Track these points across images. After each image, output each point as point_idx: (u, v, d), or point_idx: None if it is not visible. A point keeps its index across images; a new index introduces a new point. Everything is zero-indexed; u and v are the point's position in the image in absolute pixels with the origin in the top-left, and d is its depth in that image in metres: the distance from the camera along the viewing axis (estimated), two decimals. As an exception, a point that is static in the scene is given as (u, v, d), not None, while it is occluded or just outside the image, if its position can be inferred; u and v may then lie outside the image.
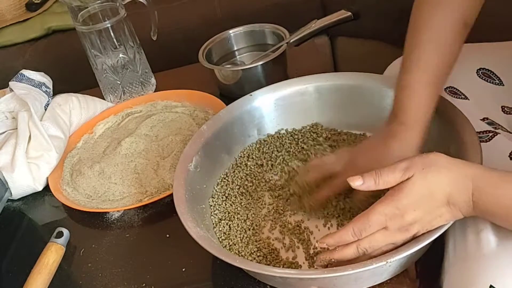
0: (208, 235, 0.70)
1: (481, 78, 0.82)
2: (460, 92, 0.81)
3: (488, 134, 0.74)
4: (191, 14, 1.51)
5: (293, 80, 0.90)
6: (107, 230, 0.86)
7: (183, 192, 0.74)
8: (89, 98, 1.10)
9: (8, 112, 1.03)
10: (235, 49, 1.15)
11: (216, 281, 0.73)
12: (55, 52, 1.52)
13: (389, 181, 0.60)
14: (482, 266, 0.58)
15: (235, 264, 0.64)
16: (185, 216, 0.70)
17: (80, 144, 1.05)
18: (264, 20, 1.14)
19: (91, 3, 1.05)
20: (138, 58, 1.13)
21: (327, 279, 0.62)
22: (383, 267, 0.60)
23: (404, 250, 0.60)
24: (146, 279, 0.75)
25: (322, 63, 1.14)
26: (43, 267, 0.77)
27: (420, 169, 0.59)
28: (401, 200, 0.59)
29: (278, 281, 0.68)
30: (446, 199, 0.59)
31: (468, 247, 0.60)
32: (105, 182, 0.93)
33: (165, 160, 0.94)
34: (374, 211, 0.60)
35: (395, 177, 0.60)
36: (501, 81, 0.81)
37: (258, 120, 0.89)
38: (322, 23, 1.06)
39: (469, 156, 0.67)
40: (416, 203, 0.59)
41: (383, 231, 0.60)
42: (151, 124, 1.03)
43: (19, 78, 1.04)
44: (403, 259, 0.63)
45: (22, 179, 0.93)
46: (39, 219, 0.94)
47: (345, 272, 0.60)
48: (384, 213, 0.60)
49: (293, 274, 0.64)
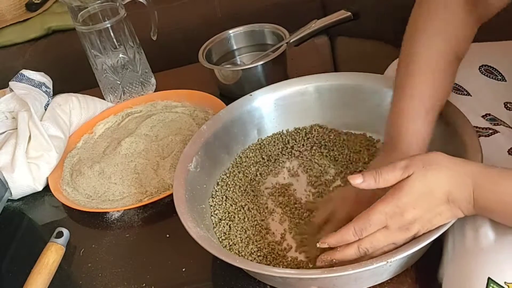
0: (208, 235, 0.70)
1: (483, 74, 0.82)
2: (462, 88, 0.81)
3: (488, 131, 0.74)
4: (191, 14, 1.51)
5: (293, 80, 0.90)
6: (107, 230, 0.86)
7: (183, 192, 0.74)
8: (89, 98, 1.10)
9: (8, 112, 1.03)
10: (235, 49, 1.15)
11: (216, 281, 0.73)
12: (55, 52, 1.52)
13: (389, 179, 0.61)
14: (480, 261, 0.58)
15: (235, 264, 0.64)
16: (185, 216, 0.70)
17: (80, 144, 1.05)
18: (264, 20, 1.14)
19: (91, 3, 1.05)
20: (138, 58, 1.13)
21: (327, 279, 0.62)
22: (384, 267, 0.60)
23: (404, 250, 0.60)
24: (146, 279, 0.75)
25: (322, 63, 1.14)
26: (43, 267, 0.77)
27: (420, 167, 0.59)
28: (401, 199, 0.59)
29: (278, 281, 0.68)
30: (446, 197, 0.59)
31: (466, 243, 0.61)
32: (105, 182, 0.93)
33: (165, 160, 0.94)
34: (375, 210, 0.60)
35: (395, 175, 0.60)
36: (503, 77, 0.81)
37: (258, 120, 0.89)
38: (322, 23, 1.06)
39: (469, 157, 0.67)
40: (416, 201, 0.59)
41: (384, 231, 0.61)
42: (151, 124, 1.03)
43: (19, 78, 1.04)
44: (403, 259, 0.63)
45: (22, 179, 0.93)
46: (39, 219, 0.94)
47: (345, 272, 0.60)
48: (384, 212, 0.60)
49: (293, 274, 0.64)
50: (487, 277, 0.56)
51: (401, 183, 0.60)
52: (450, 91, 0.72)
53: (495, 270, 0.56)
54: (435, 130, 0.72)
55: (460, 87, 0.81)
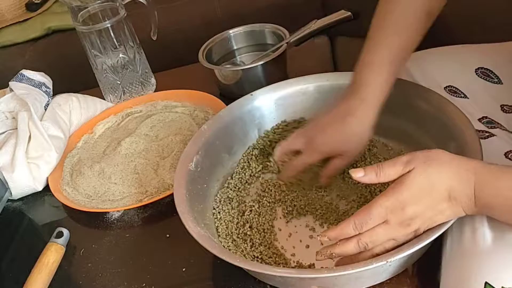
0: (208, 234, 0.70)
1: (480, 77, 0.82)
2: (459, 91, 0.81)
3: (484, 134, 0.74)
4: (191, 14, 1.51)
5: (293, 80, 0.90)
6: (107, 230, 0.86)
7: (184, 192, 0.74)
8: (89, 98, 1.10)
9: (8, 112, 1.03)
10: (235, 49, 1.15)
11: (216, 281, 0.73)
12: (55, 52, 1.52)
13: (390, 174, 0.61)
14: (477, 263, 0.58)
15: (236, 263, 0.64)
16: (186, 216, 0.70)
17: (80, 144, 1.05)
18: (264, 20, 1.14)
19: (91, 3, 1.05)
20: (138, 58, 1.13)
21: (327, 278, 0.62)
22: (384, 266, 0.60)
23: (404, 249, 0.60)
24: (146, 279, 0.75)
25: (322, 63, 1.14)
26: (43, 267, 0.77)
27: (421, 162, 0.59)
28: (402, 193, 0.59)
29: (278, 281, 0.68)
30: (447, 193, 0.59)
31: (464, 244, 0.61)
32: (105, 182, 0.93)
33: (165, 160, 0.94)
34: (376, 204, 0.60)
35: (396, 170, 0.60)
36: (500, 80, 0.81)
37: (259, 120, 0.89)
38: (322, 23, 1.06)
39: (469, 154, 0.67)
40: (417, 197, 0.59)
41: (384, 225, 0.60)
42: (151, 124, 1.03)
43: (19, 78, 1.04)
44: (403, 259, 0.63)
45: (22, 179, 0.93)
46: (39, 219, 0.94)
47: (346, 271, 0.60)
48: (385, 206, 0.59)
49: (293, 273, 0.64)
50: (484, 281, 0.56)
51: (403, 178, 0.60)
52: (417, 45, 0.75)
53: (492, 274, 0.56)
54: (436, 128, 0.72)
55: (456, 90, 0.81)
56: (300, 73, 0.91)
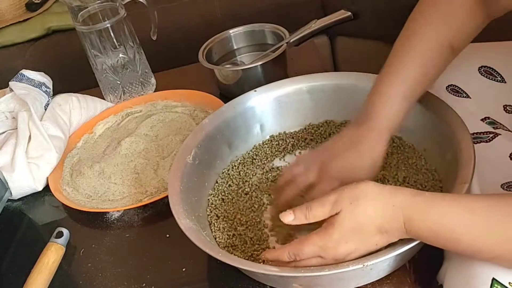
0: (198, 227, 0.70)
1: (483, 75, 0.82)
2: (461, 91, 0.81)
3: (488, 135, 0.74)
4: (191, 14, 1.51)
5: (293, 79, 0.90)
6: (107, 230, 0.86)
7: (178, 184, 0.75)
8: (89, 98, 1.10)
9: (8, 112, 1.03)
10: (235, 49, 1.15)
11: (216, 281, 0.73)
12: (55, 52, 1.53)
13: (318, 215, 0.62)
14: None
15: (214, 255, 0.64)
16: (176, 208, 0.71)
17: (80, 144, 1.05)
18: (264, 20, 1.14)
19: (91, 3, 1.05)
20: (138, 58, 1.13)
21: (307, 278, 0.62)
22: (364, 269, 0.60)
23: (382, 254, 0.60)
24: (146, 279, 0.75)
25: (322, 63, 1.14)
26: (43, 267, 0.77)
27: (347, 204, 0.60)
28: (332, 235, 0.60)
29: (274, 280, 0.68)
30: (377, 230, 0.59)
31: None
32: (105, 182, 0.93)
33: (165, 160, 0.94)
34: (308, 241, 0.62)
35: (324, 211, 0.62)
36: (503, 79, 0.81)
37: (260, 116, 0.89)
38: (322, 23, 1.06)
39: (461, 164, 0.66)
40: (347, 237, 0.60)
41: (319, 259, 0.62)
42: (151, 124, 1.03)
43: (19, 78, 1.04)
44: (390, 260, 0.63)
45: (22, 179, 0.93)
46: (39, 219, 0.94)
47: (322, 272, 0.60)
48: (318, 245, 0.61)
49: (274, 271, 0.64)
50: (491, 277, 0.56)
51: (332, 220, 0.61)
52: (436, 79, 0.73)
53: (499, 270, 0.56)
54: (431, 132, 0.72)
55: (459, 89, 0.81)
56: (300, 73, 0.91)
